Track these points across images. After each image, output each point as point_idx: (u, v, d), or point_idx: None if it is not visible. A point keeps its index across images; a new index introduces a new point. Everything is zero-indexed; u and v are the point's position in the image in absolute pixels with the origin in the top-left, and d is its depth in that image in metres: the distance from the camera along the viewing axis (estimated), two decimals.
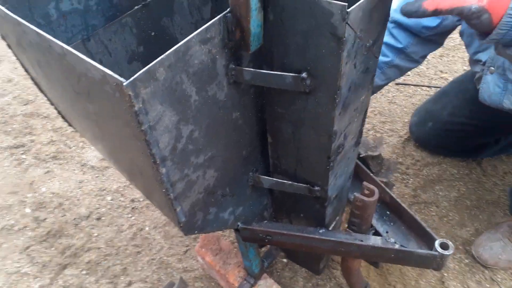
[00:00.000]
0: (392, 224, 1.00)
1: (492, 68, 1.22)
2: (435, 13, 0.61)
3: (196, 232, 0.86)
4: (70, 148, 2.07)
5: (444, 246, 0.85)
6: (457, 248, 1.50)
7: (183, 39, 1.54)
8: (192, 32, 1.54)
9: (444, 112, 1.63)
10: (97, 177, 1.91)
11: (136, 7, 1.15)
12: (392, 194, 1.00)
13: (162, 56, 0.57)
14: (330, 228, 1.05)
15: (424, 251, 0.87)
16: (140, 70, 0.54)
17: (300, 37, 0.64)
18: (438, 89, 2.17)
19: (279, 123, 0.83)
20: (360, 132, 0.90)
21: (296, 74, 0.69)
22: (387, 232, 0.99)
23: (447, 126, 1.64)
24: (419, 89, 2.22)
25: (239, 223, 1.00)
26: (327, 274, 1.43)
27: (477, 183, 1.71)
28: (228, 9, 0.64)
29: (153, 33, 1.24)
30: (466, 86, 1.55)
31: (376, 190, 0.90)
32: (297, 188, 0.93)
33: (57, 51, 0.64)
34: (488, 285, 1.40)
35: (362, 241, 0.94)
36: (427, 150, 1.83)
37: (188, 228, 0.83)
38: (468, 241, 1.52)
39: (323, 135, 0.76)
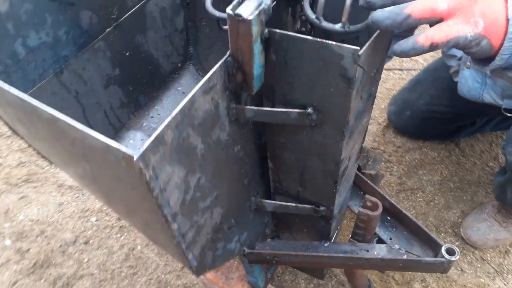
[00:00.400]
0: (394, 230, 1.02)
1: (468, 63, 1.23)
2: (432, 48, 0.57)
3: (207, 270, 0.84)
4: (43, 168, 1.96)
5: (450, 251, 0.88)
6: (446, 231, 1.57)
7: (158, 55, 1.45)
8: (167, 46, 1.46)
9: (421, 101, 1.66)
10: (77, 197, 1.83)
11: (108, 30, 1.08)
12: (392, 201, 1.01)
13: (168, 119, 0.53)
14: (332, 240, 1.06)
15: (431, 258, 0.89)
16: (117, 94, 0.48)
17: (305, 77, 0.62)
18: (411, 71, 2.21)
19: (281, 152, 0.81)
20: (361, 149, 0.89)
21: (301, 110, 0.67)
22: (390, 239, 1.00)
23: (425, 114, 1.67)
24: (391, 73, 2.24)
25: (245, 248, 0.98)
26: (328, 273, 1.46)
27: (458, 165, 1.77)
28: (227, 54, 0.60)
29: (127, 53, 1.17)
30: (440, 74, 1.57)
31: (379, 203, 0.91)
32: (302, 209, 0.92)
33: (45, 116, 0.58)
34: (479, 265, 1.47)
35: (368, 251, 0.96)
36: (407, 136, 1.86)
37: (200, 269, 0.80)
38: (456, 223, 1.59)
39: (330, 163, 0.75)
